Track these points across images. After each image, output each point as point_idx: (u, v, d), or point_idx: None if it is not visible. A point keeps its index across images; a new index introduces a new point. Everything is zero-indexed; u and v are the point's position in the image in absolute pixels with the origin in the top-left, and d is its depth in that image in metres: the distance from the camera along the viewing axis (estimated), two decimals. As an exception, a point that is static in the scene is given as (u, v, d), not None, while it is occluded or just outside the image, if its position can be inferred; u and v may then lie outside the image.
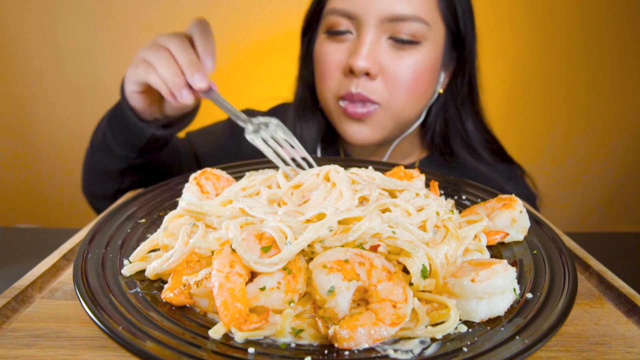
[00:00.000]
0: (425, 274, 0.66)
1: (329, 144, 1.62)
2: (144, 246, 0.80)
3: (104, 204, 1.44)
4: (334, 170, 0.94)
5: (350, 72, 1.34)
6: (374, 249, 0.70)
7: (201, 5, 2.66)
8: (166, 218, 0.81)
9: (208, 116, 1.73)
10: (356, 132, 1.42)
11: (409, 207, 0.82)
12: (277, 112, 1.72)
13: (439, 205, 0.85)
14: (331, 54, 1.39)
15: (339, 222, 0.74)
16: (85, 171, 1.50)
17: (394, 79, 1.33)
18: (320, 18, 1.47)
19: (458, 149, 1.54)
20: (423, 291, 0.69)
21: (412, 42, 1.32)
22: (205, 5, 2.65)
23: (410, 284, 0.68)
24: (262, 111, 1.75)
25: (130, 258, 0.79)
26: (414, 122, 1.51)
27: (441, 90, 1.51)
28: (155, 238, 0.82)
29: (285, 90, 1.73)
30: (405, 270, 0.70)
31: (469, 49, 1.46)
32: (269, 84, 2.24)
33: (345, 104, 1.38)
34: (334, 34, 1.38)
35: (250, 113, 1.72)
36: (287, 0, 2.56)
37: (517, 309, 0.68)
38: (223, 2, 2.66)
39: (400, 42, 1.32)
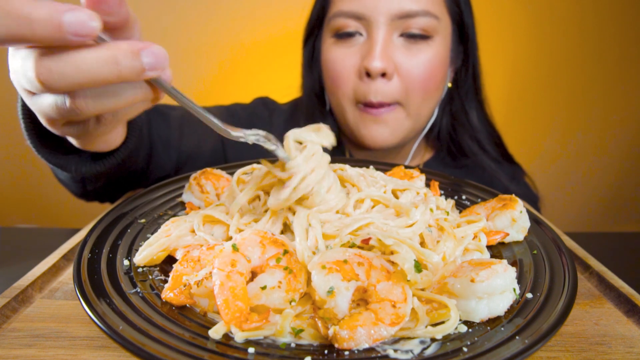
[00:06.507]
0: (419, 268, 0.66)
1: (335, 147, 1.62)
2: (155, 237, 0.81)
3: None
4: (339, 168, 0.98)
5: (366, 74, 1.33)
6: (365, 242, 0.69)
7: (201, 4, 2.66)
8: None
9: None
10: (376, 134, 1.41)
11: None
12: (296, 107, 1.68)
13: (433, 202, 0.86)
14: (342, 59, 1.37)
15: None
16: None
17: (409, 76, 1.34)
18: (323, 23, 1.45)
19: (466, 143, 1.54)
20: (423, 289, 0.69)
21: (424, 37, 1.33)
22: (206, 5, 2.66)
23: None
24: (280, 103, 1.72)
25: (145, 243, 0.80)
26: (428, 120, 1.51)
27: (449, 84, 1.52)
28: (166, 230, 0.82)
29: (285, 89, 1.72)
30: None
31: (472, 41, 1.47)
32: (269, 83, 2.24)
33: (363, 107, 1.39)
34: (343, 36, 1.37)
35: (268, 103, 1.70)
36: (288, 0, 2.57)
37: (517, 309, 0.68)
38: (224, 2, 2.66)
39: (413, 38, 1.32)
